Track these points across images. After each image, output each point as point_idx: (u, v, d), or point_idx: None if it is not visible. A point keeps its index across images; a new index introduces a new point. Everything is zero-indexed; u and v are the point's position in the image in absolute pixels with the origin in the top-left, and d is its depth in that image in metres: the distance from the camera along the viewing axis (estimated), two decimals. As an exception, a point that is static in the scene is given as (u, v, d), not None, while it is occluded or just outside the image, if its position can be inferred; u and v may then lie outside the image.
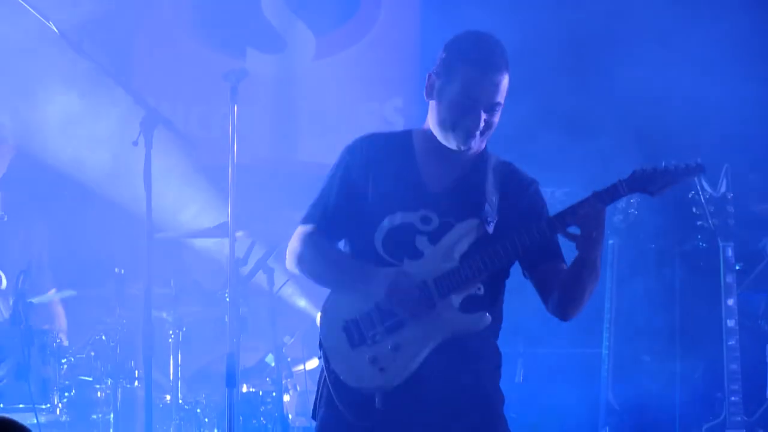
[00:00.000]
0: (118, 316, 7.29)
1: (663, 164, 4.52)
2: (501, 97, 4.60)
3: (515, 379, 7.89)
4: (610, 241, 7.62)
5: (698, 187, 7.22)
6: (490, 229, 4.60)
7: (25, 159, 8.26)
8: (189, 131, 8.22)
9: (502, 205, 4.68)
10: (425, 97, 4.72)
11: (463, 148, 4.63)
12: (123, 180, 7.79)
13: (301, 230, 4.81)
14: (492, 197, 4.67)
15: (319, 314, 4.81)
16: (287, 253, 4.84)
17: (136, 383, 7.25)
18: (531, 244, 4.53)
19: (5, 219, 7.62)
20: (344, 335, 4.66)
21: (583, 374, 7.74)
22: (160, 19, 8.95)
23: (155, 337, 6.02)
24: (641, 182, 4.52)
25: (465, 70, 4.60)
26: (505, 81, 4.61)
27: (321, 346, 4.73)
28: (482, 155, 4.74)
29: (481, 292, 4.60)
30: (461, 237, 4.61)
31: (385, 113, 8.91)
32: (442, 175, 4.72)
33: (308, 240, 4.77)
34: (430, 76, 4.69)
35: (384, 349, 4.59)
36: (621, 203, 7.47)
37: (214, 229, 7.18)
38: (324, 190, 4.80)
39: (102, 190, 8.38)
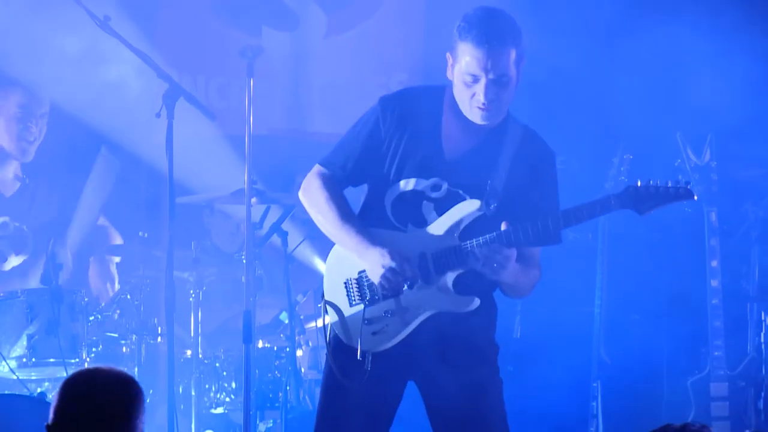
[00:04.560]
0: (142, 277, 7.41)
1: (656, 184, 4.55)
2: (507, 70, 4.59)
3: (513, 334, 7.94)
4: (602, 207, 7.72)
5: (684, 155, 7.33)
6: (491, 210, 4.64)
7: (60, 124, 8.24)
8: (209, 103, 8.08)
9: (511, 180, 4.70)
10: (447, 76, 4.75)
11: (480, 123, 4.68)
12: (149, 147, 7.84)
13: (318, 170, 4.83)
14: (501, 172, 4.68)
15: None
16: (302, 186, 4.85)
17: (159, 339, 7.37)
18: (532, 238, 4.58)
19: (27, 182, 7.65)
20: (344, 291, 4.76)
21: (577, 331, 7.76)
22: (182, -1, 8.90)
23: (177, 296, 6.09)
24: (633, 200, 4.57)
25: (466, 47, 4.61)
26: (510, 55, 4.58)
27: (323, 297, 4.83)
28: (503, 123, 4.73)
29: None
30: (462, 216, 4.66)
31: (390, 87, 8.61)
32: (460, 140, 4.73)
33: (324, 185, 4.78)
34: (448, 56, 4.70)
35: (379, 312, 4.68)
36: (612, 171, 7.58)
37: (232, 195, 7.20)
38: (350, 138, 4.81)
39: (129, 156, 8.46)
